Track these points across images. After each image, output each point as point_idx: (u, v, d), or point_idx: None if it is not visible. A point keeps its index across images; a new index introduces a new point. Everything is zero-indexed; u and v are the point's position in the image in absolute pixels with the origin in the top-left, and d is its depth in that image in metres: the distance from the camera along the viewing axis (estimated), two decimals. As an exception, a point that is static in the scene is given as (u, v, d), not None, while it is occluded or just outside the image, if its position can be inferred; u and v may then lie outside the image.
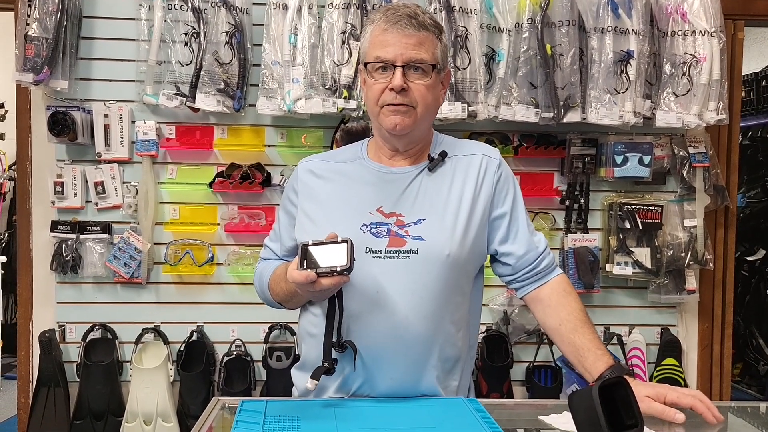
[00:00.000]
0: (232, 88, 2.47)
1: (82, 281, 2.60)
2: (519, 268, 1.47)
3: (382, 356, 1.37)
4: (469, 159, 1.47)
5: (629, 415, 1.13)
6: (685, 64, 2.48)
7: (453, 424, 1.25)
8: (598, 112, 2.43)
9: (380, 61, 1.37)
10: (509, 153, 2.62)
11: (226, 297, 2.64)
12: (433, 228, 1.39)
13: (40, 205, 2.59)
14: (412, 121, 1.39)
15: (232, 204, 2.61)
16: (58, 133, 2.46)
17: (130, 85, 2.54)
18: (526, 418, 1.44)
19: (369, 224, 1.40)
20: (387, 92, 1.37)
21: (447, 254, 1.38)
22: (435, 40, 1.40)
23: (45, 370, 2.53)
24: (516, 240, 1.47)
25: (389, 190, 1.43)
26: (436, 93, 1.42)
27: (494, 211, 1.46)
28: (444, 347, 1.41)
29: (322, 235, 1.26)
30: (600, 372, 1.34)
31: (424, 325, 1.38)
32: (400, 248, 1.38)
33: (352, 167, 1.49)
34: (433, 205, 1.42)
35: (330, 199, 1.45)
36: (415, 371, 1.39)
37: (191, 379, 2.54)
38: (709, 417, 1.24)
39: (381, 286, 1.37)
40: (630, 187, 2.69)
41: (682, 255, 2.63)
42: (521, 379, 2.70)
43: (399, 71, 1.35)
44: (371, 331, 1.37)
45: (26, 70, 2.38)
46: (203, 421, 1.31)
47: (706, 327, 2.77)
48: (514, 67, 2.48)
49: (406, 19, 1.36)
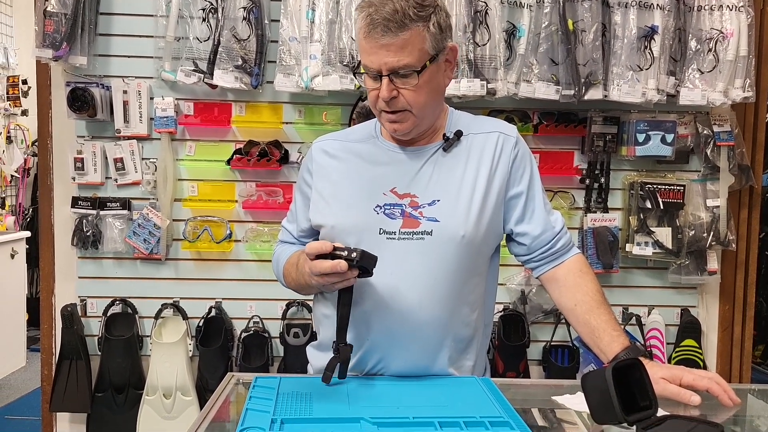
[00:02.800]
0: (250, 65, 2.46)
1: (102, 257, 2.63)
2: (535, 248, 1.46)
3: (396, 337, 1.37)
4: (485, 137, 1.44)
5: (643, 397, 1.12)
6: (711, 39, 2.41)
7: (465, 403, 1.25)
8: (621, 89, 2.38)
9: (368, 69, 1.33)
10: (529, 131, 2.59)
11: (244, 274, 2.65)
12: (448, 209, 1.38)
13: (61, 181, 2.62)
14: (411, 123, 1.37)
15: (249, 181, 2.61)
16: (77, 109, 2.48)
17: (149, 61, 2.54)
18: (539, 398, 1.44)
19: (383, 205, 1.39)
20: (380, 99, 1.34)
21: (462, 236, 1.37)
22: (422, 32, 1.29)
23: (67, 344, 2.58)
24: (532, 220, 1.45)
25: (403, 170, 1.42)
26: (433, 83, 1.36)
27: (510, 191, 1.44)
28: (458, 328, 1.41)
29: (335, 216, 1.26)
30: (615, 353, 1.33)
31: (439, 306, 1.38)
32: (414, 230, 1.37)
33: (365, 147, 1.47)
34: (447, 186, 1.40)
35: (344, 180, 1.44)
36: (429, 352, 1.39)
37: (210, 355, 2.57)
38: (725, 400, 1.23)
39: (395, 267, 1.36)
40: (652, 166, 2.65)
41: (704, 235, 2.58)
42: (537, 359, 2.69)
43: (386, 81, 1.31)
44: (385, 312, 1.37)
45: (45, 46, 2.39)
46: (218, 396, 1.33)
47: (727, 308, 2.74)
48: (534, 43, 2.43)
49: (384, 25, 1.27)
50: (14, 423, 3.74)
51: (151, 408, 2.56)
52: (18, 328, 4.73)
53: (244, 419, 1.12)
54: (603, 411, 1.09)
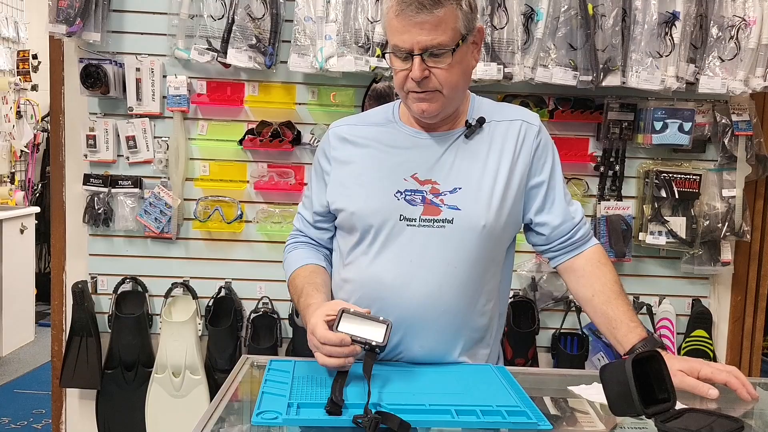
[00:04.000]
0: (264, 44, 2.43)
1: (113, 234, 2.63)
2: (553, 239, 1.44)
3: (413, 324, 1.36)
4: (508, 125, 1.42)
5: (661, 389, 1.12)
6: (733, 27, 2.37)
7: (480, 390, 1.24)
8: (639, 76, 2.35)
9: (398, 49, 1.30)
10: (544, 116, 2.55)
11: (254, 254, 2.65)
12: (469, 198, 1.36)
13: (73, 158, 2.61)
14: (440, 104, 1.34)
15: (261, 162, 2.60)
16: (90, 86, 2.46)
17: (162, 38, 2.52)
18: (553, 387, 1.43)
19: (404, 191, 1.37)
20: (409, 80, 1.31)
21: (483, 225, 1.35)
22: (454, 11, 1.27)
23: (78, 320, 2.59)
24: (552, 210, 1.43)
25: (424, 156, 1.40)
26: (463, 63, 1.34)
27: (531, 180, 1.42)
28: (475, 317, 1.40)
29: (355, 202, 1.24)
30: (632, 344, 1.32)
31: (457, 295, 1.37)
32: (435, 217, 1.36)
33: (385, 131, 1.45)
34: (469, 174, 1.38)
35: (363, 165, 1.42)
36: (446, 340, 1.38)
37: (219, 334, 2.58)
38: (743, 394, 1.21)
39: (414, 254, 1.35)
40: (668, 155, 2.62)
41: (719, 226, 2.56)
42: (546, 346, 2.69)
43: (417, 60, 1.28)
44: (403, 299, 1.36)
45: (59, 22, 2.38)
46: (233, 378, 1.33)
47: (739, 299, 2.72)
48: (553, 27, 2.39)
49: (418, 2, 1.25)
50: (23, 397, 3.78)
51: (160, 386, 2.57)
52: (27, 302, 4.76)
53: (260, 403, 1.11)
54: (621, 403, 1.08)
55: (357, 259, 1.41)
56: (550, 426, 1.09)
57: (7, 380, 4.04)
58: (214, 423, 1.12)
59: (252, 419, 1.06)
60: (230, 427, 1.13)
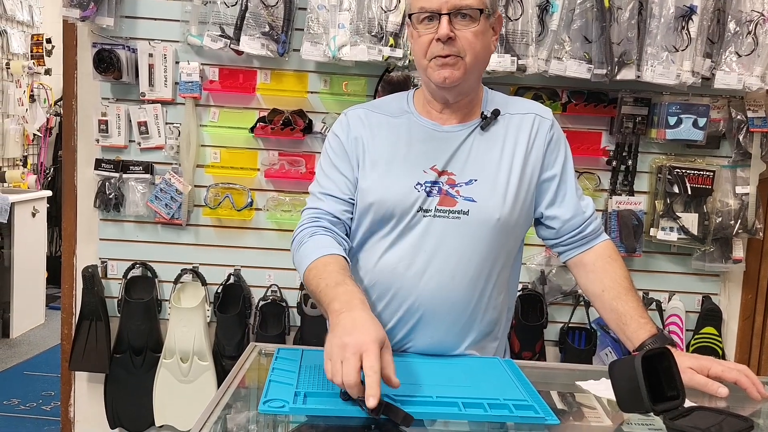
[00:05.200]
0: (277, 32, 2.43)
1: (124, 219, 2.64)
2: (563, 233, 1.44)
3: (425, 315, 1.36)
4: (521, 118, 1.42)
5: (671, 387, 1.11)
6: (751, 22, 2.34)
7: (488, 383, 1.24)
8: (654, 70, 2.32)
9: (425, 11, 1.31)
10: (557, 109, 2.54)
11: (264, 242, 2.65)
12: (485, 190, 1.36)
13: (85, 143, 2.62)
14: (462, 72, 1.33)
15: (272, 150, 2.59)
16: (103, 71, 2.47)
17: (175, 24, 2.52)
18: (560, 381, 1.43)
19: (423, 183, 1.37)
20: (434, 43, 1.31)
21: (497, 218, 1.35)
22: None
23: (87, 304, 2.61)
24: (563, 204, 1.42)
25: (441, 148, 1.39)
26: (486, 40, 1.35)
27: (544, 174, 1.41)
28: (486, 310, 1.40)
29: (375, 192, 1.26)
30: (642, 341, 1.31)
31: (470, 287, 1.36)
32: (451, 208, 1.35)
33: (402, 122, 1.44)
34: (485, 166, 1.38)
35: (384, 156, 1.40)
36: (456, 332, 1.38)
37: (227, 321, 2.59)
38: (753, 393, 1.21)
39: (429, 245, 1.35)
40: (681, 150, 2.59)
41: (731, 223, 2.54)
42: (554, 340, 2.68)
43: (445, 19, 1.29)
44: (416, 289, 1.36)
45: (73, 6, 2.38)
46: (241, 365, 1.33)
47: (750, 297, 2.70)
48: (568, 19, 2.37)
49: None
50: (33, 379, 3.81)
51: (168, 371, 2.59)
52: (38, 285, 4.80)
53: (267, 391, 1.12)
54: (630, 399, 1.07)
55: (372, 247, 1.41)
56: (557, 420, 1.09)
57: (17, 362, 4.08)
58: (222, 409, 1.12)
59: (259, 407, 1.07)
60: (237, 414, 1.13)
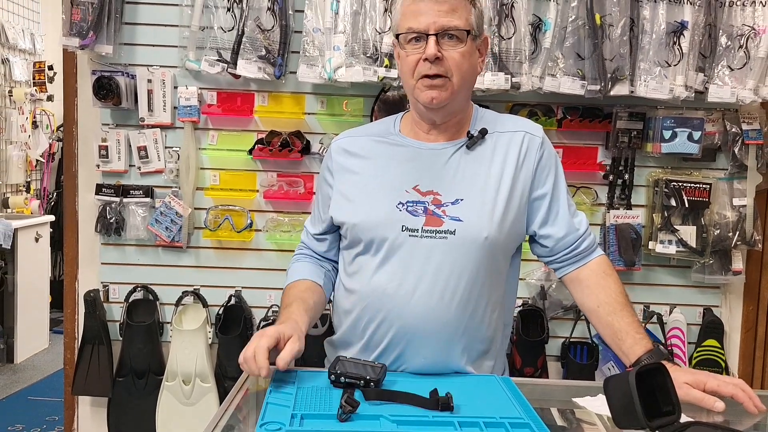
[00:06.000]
0: (274, 55, 2.46)
1: (125, 243, 2.66)
2: (557, 251, 1.45)
3: (416, 335, 1.37)
4: (510, 136, 1.43)
5: (666, 402, 1.11)
6: (742, 36, 2.36)
7: (485, 402, 1.24)
8: (648, 85, 2.34)
9: (413, 31, 1.34)
10: (552, 126, 2.56)
11: (264, 263, 2.67)
12: (472, 209, 1.37)
13: (86, 168, 2.64)
14: (449, 93, 1.35)
15: (271, 171, 2.62)
16: (102, 97, 2.50)
17: (173, 50, 2.55)
18: (559, 399, 1.43)
19: (405, 202, 1.38)
20: (421, 63, 1.34)
21: (485, 237, 1.36)
22: (468, 5, 1.35)
23: (89, 329, 2.61)
24: (556, 222, 1.43)
25: (426, 167, 1.41)
26: (472, 61, 1.38)
27: (534, 192, 1.42)
28: (479, 328, 1.40)
29: (358, 213, 1.26)
30: (638, 356, 1.31)
31: (460, 306, 1.37)
32: (437, 228, 1.36)
33: (386, 143, 1.46)
34: (471, 185, 1.39)
35: (365, 178, 1.44)
36: (449, 352, 1.38)
37: (229, 342, 2.59)
38: (750, 407, 1.21)
39: (417, 265, 1.36)
40: (677, 164, 2.61)
41: (729, 235, 2.55)
42: (556, 355, 2.67)
43: (432, 40, 1.32)
44: (406, 309, 1.36)
45: (72, 35, 2.41)
46: (240, 385, 1.34)
47: (751, 309, 2.70)
48: (561, 37, 2.40)
49: None
50: (37, 404, 3.81)
51: (171, 394, 2.59)
52: (41, 310, 4.81)
53: (264, 413, 1.12)
54: (625, 416, 1.08)
55: (361, 270, 1.42)
56: (553, 438, 1.09)
57: (21, 387, 4.08)
58: (221, 430, 1.13)
59: (256, 430, 1.07)
60: (236, 436, 1.14)
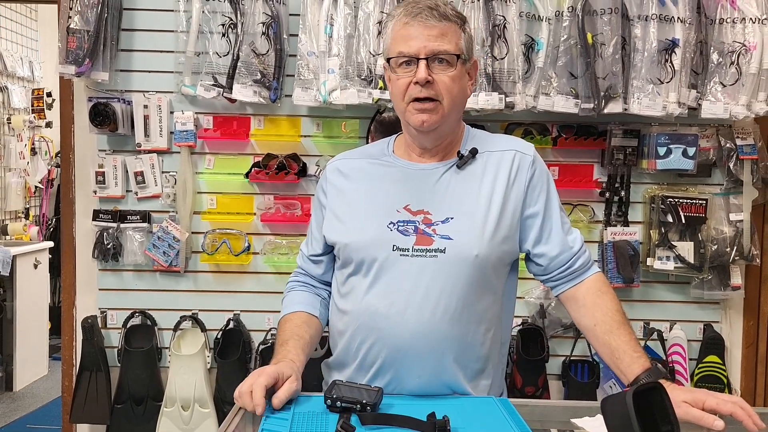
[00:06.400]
0: (269, 79, 2.47)
1: (122, 269, 2.65)
2: (552, 269, 1.44)
3: (410, 355, 1.36)
4: (501, 155, 1.44)
5: (665, 421, 1.10)
6: (733, 52, 2.38)
7: (482, 425, 1.23)
8: (641, 102, 2.36)
9: (403, 55, 1.35)
10: (548, 144, 2.57)
11: (262, 286, 2.66)
12: (462, 227, 1.37)
13: (83, 194, 2.65)
14: (439, 116, 1.36)
15: (268, 194, 2.62)
16: (99, 123, 2.51)
17: (169, 76, 2.57)
18: (557, 420, 1.42)
19: (396, 222, 1.39)
20: (412, 86, 1.35)
21: (475, 255, 1.36)
22: (458, 30, 1.37)
23: (87, 355, 2.60)
24: (549, 241, 1.43)
25: (416, 186, 1.42)
26: (462, 84, 1.39)
27: (526, 210, 1.43)
28: (473, 347, 1.39)
29: (350, 234, 1.26)
30: (635, 375, 1.30)
31: (452, 325, 1.36)
32: (428, 247, 1.36)
33: (379, 164, 1.48)
34: (462, 203, 1.39)
35: (357, 198, 1.45)
36: (444, 371, 1.38)
37: (228, 367, 2.58)
38: (750, 425, 1.19)
39: (408, 284, 1.36)
40: (673, 180, 2.61)
41: (727, 250, 2.54)
42: (557, 373, 2.66)
43: (423, 64, 1.33)
44: (399, 329, 1.36)
45: (68, 63, 2.43)
46: (236, 411, 1.33)
47: (751, 324, 2.69)
48: (553, 56, 2.42)
49: (427, 11, 1.34)
50: (36, 432, 3.78)
51: (170, 420, 2.56)
52: (41, 337, 4.79)
53: (260, 440, 1.11)
54: (623, 436, 1.07)
55: (353, 290, 1.42)
56: (551, 460, 1.08)
57: (20, 415, 4.05)
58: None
59: (251, 457, 1.06)
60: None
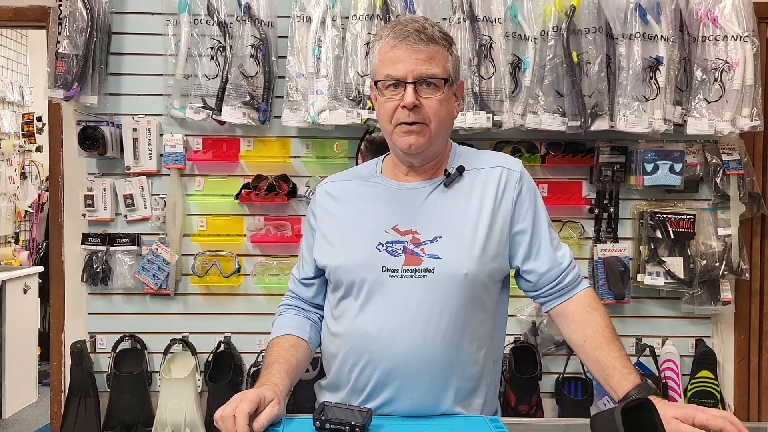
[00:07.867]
0: (258, 101, 2.49)
1: (112, 292, 2.64)
2: (541, 285, 1.44)
3: (401, 376, 1.35)
4: (488, 172, 1.44)
5: (655, 437, 1.10)
6: (716, 69, 2.42)
7: (473, 444, 1.22)
8: (627, 119, 2.38)
9: (391, 78, 1.35)
10: (536, 162, 2.59)
11: (253, 308, 2.65)
12: (450, 246, 1.37)
13: (72, 218, 2.64)
14: (427, 139, 1.37)
15: (258, 215, 2.62)
16: (88, 147, 2.51)
17: (158, 99, 2.58)
18: (549, 438, 1.41)
19: (385, 243, 1.39)
20: (399, 110, 1.35)
21: (464, 273, 1.35)
22: (445, 53, 1.37)
23: (76, 381, 2.57)
24: (538, 257, 1.43)
25: (404, 207, 1.42)
26: (449, 106, 1.40)
27: (515, 227, 1.43)
28: (465, 366, 1.39)
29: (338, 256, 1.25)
30: (626, 391, 1.30)
31: (444, 344, 1.36)
32: (417, 267, 1.36)
33: (366, 186, 1.48)
34: (450, 223, 1.39)
35: (346, 220, 1.44)
36: (436, 391, 1.37)
37: (219, 390, 2.55)
38: (740, 440, 1.19)
39: (398, 305, 1.35)
40: (661, 196, 2.63)
41: (717, 265, 2.56)
42: (551, 391, 2.65)
43: (410, 88, 1.33)
44: (390, 351, 1.35)
45: (57, 87, 2.43)
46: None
47: (742, 338, 2.69)
48: (540, 75, 2.44)
49: (415, 35, 1.33)
50: (24, 460, 3.72)
51: (160, 445, 2.54)
52: (30, 363, 4.72)
53: (248, 463, 1.10)
54: (613, 453, 1.06)
55: (344, 313, 1.42)
56: (542, 479, 1.08)
57: (8, 443, 3.99)
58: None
59: (239, 481, 1.05)
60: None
